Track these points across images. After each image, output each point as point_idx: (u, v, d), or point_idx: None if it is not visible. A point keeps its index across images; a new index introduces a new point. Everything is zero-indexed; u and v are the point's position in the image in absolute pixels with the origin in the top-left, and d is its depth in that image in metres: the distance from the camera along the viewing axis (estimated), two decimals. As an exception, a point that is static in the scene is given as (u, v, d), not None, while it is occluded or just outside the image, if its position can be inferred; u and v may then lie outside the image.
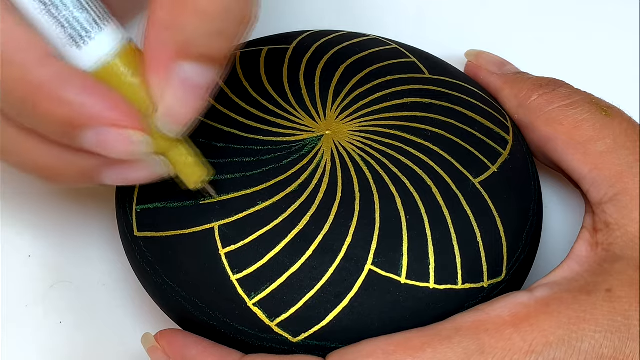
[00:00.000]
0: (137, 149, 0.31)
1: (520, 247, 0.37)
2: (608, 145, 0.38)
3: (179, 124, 0.32)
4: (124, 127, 0.31)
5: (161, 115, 0.32)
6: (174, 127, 0.32)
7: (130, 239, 0.37)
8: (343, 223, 0.35)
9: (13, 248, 0.43)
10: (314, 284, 0.34)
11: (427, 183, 0.36)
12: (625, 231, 0.36)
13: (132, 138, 0.31)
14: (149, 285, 0.36)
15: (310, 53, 0.40)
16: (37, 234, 0.43)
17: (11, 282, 0.42)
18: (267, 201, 0.35)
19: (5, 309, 0.41)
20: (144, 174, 0.33)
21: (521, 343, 0.33)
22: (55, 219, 0.43)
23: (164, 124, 0.32)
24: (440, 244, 0.35)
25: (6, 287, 0.42)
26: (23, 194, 0.44)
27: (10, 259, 0.42)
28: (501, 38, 0.47)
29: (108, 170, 0.33)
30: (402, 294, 0.34)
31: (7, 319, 0.41)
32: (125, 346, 0.41)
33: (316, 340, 0.34)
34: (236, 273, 0.34)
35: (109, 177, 0.33)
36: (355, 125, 0.38)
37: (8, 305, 0.41)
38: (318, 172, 0.36)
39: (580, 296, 0.34)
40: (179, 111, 0.32)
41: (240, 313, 0.34)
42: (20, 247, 0.43)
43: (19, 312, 0.41)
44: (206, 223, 0.35)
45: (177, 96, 0.31)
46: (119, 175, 0.33)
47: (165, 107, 0.31)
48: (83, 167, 0.33)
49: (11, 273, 0.42)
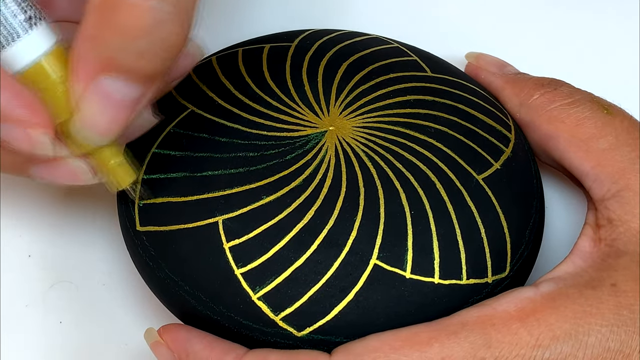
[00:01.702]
0: (40, 146, 0.32)
1: (523, 244, 0.37)
2: (610, 142, 0.38)
3: (95, 134, 0.33)
4: (29, 126, 0.32)
5: (76, 123, 0.32)
6: (90, 135, 0.33)
7: (132, 233, 0.36)
8: (348, 217, 0.35)
9: (13, 248, 0.42)
10: (318, 278, 0.34)
11: (431, 179, 0.36)
12: (629, 227, 0.36)
13: (36, 137, 0.32)
14: (152, 280, 0.36)
15: (313, 51, 0.40)
16: (37, 234, 0.43)
17: (11, 282, 0.42)
18: (272, 195, 0.35)
19: (5, 309, 0.41)
20: (66, 175, 0.34)
21: (528, 337, 0.33)
22: (55, 219, 0.43)
23: (79, 131, 0.32)
24: (445, 239, 0.35)
25: (6, 287, 0.41)
26: (23, 194, 0.43)
27: (10, 259, 0.42)
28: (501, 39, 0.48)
29: (34, 167, 0.34)
30: (407, 288, 0.34)
31: (7, 319, 0.41)
32: (125, 346, 0.41)
33: (321, 335, 0.34)
34: (240, 267, 0.34)
35: (36, 173, 0.34)
36: (358, 122, 0.38)
37: (8, 305, 0.41)
38: (322, 167, 0.36)
39: (585, 291, 0.34)
40: (95, 122, 0.32)
41: (244, 307, 0.34)
42: (20, 247, 0.42)
43: (19, 312, 0.41)
44: (210, 217, 0.35)
45: (93, 108, 0.32)
46: (44, 173, 0.34)
47: (82, 115, 0.32)
48: (12, 160, 0.34)
49: (11, 273, 0.42)
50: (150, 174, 0.37)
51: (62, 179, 0.34)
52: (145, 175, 0.37)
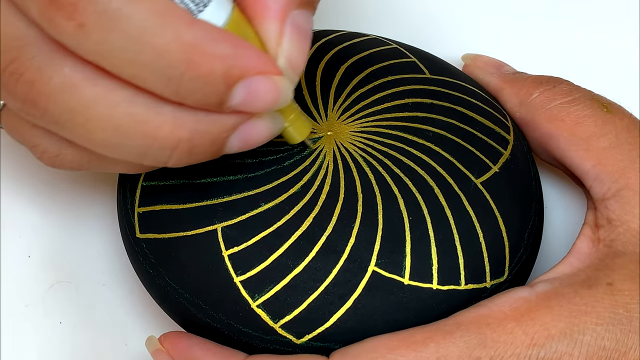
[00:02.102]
0: (284, 95, 0.31)
1: (522, 247, 0.37)
2: (611, 140, 0.38)
3: (297, 71, 0.32)
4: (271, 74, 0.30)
5: (283, 64, 0.31)
6: (294, 75, 0.32)
7: (132, 240, 0.37)
8: (346, 224, 0.35)
9: (13, 248, 0.42)
10: (317, 285, 0.34)
11: (429, 183, 0.36)
12: (628, 227, 0.36)
13: (279, 84, 0.31)
14: (152, 288, 0.36)
15: (311, 53, 0.40)
16: (37, 234, 0.43)
17: (11, 282, 0.42)
18: (270, 202, 0.35)
19: (5, 309, 0.41)
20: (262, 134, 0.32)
21: (523, 336, 0.33)
22: (55, 219, 0.43)
23: (286, 72, 0.31)
24: (443, 244, 0.35)
25: (6, 287, 0.42)
26: (23, 194, 0.43)
27: (10, 259, 0.42)
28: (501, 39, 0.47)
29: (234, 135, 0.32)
30: (405, 294, 0.34)
31: (7, 319, 0.41)
32: (125, 346, 0.41)
33: (320, 342, 0.34)
34: (240, 275, 0.34)
35: (233, 143, 0.32)
36: (356, 126, 0.38)
37: (8, 305, 0.41)
38: (320, 173, 0.36)
39: (581, 290, 0.34)
40: (297, 58, 0.32)
41: (243, 315, 0.34)
42: (20, 247, 0.42)
43: (19, 312, 0.41)
44: (209, 225, 0.35)
45: (294, 43, 0.31)
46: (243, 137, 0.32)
47: (286, 55, 0.31)
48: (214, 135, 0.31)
49: (11, 273, 0.42)
50: (149, 180, 0.37)
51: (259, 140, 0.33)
52: (144, 182, 0.37)
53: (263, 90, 0.30)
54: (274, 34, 0.31)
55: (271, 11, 0.31)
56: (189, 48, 0.29)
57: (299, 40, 0.31)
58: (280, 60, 0.31)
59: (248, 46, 0.30)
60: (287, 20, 0.31)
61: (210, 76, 0.29)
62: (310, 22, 0.32)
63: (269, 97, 0.30)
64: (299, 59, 0.32)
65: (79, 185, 0.44)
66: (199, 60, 0.29)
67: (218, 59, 0.29)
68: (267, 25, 0.31)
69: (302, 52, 0.32)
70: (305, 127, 0.35)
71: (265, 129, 0.32)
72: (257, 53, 0.30)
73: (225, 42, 0.29)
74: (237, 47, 0.30)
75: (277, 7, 0.31)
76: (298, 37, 0.31)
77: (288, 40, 0.31)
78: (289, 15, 0.31)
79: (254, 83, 0.30)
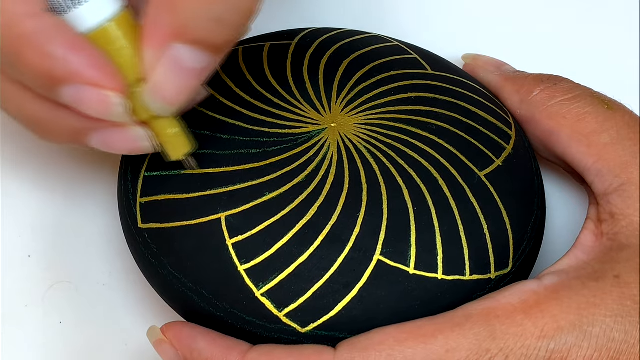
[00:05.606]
0: (113, 109, 0.32)
1: (525, 240, 0.37)
2: (612, 137, 0.38)
3: (165, 102, 0.32)
4: (103, 87, 0.31)
5: (148, 90, 0.32)
6: (160, 104, 0.32)
7: (134, 231, 0.36)
8: (351, 213, 0.35)
9: (13, 248, 0.42)
10: (322, 273, 0.34)
11: (434, 175, 0.36)
12: (631, 221, 0.36)
13: (110, 99, 0.31)
14: (154, 278, 0.36)
15: (313, 49, 0.40)
16: (37, 234, 0.43)
17: (11, 282, 0.41)
18: (274, 192, 0.35)
19: (5, 309, 0.41)
20: (127, 142, 0.33)
21: (533, 329, 0.33)
22: (55, 219, 0.43)
23: (150, 99, 0.32)
24: (448, 235, 0.35)
25: (6, 287, 0.41)
26: (23, 194, 0.43)
27: (10, 259, 0.42)
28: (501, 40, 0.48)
29: (94, 133, 0.33)
30: (410, 284, 0.34)
31: (7, 319, 0.41)
32: (125, 346, 0.40)
33: (325, 331, 0.34)
34: (244, 263, 0.34)
35: (95, 140, 0.34)
36: (360, 119, 0.38)
37: (8, 305, 0.41)
38: (325, 164, 0.36)
39: (589, 283, 0.34)
40: (166, 89, 0.32)
41: (248, 303, 0.34)
42: (20, 247, 0.42)
43: (19, 312, 0.41)
44: (213, 214, 0.35)
45: (166, 74, 0.32)
46: (104, 139, 0.33)
47: (153, 82, 0.32)
48: (71, 126, 0.33)
49: (11, 273, 0.42)
50: (152, 171, 0.37)
51: (121, 147, 0.34)
52: (147, 173, 0.37)
53: (88, 99, 0.31)
54: (149, 59, 0.32)
55: (151, 38, 0.31)
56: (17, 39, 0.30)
57: (174, 73, 0.32)
58: (148, 85, 0.32)
59: (89, 56, 0.31)
60: (166, 52, 0.31)
61: (33, 71, 0.31)
62: (197, 60, 0.32)
63: (94, 106, 0.31)
64: (170, 91, 0.32)
65: (78, 185, 0.44)
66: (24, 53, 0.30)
67: (45, 58, 0.30)
68: (146, 50, 0.32)
69: (175, 85, 0.32)
70: (183, 146, 0.35)
71: (126, 140, 0.33)
72: (93, 65, 0.31)
73: (59, 43, 0.30)
74: (72, 53, 0.31)
75: (157, 35, 0.31)
76: (173, 70, 0.32)
77: (162, 70, 0.32)
78: (168, 47, 0.31)
79: (81, 90, 0.31)
